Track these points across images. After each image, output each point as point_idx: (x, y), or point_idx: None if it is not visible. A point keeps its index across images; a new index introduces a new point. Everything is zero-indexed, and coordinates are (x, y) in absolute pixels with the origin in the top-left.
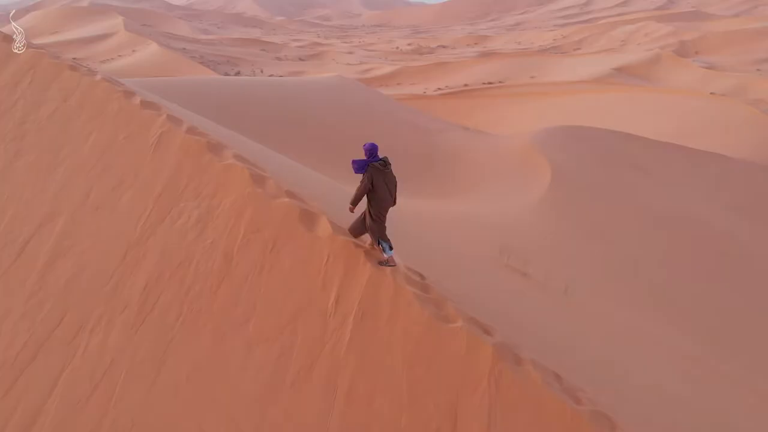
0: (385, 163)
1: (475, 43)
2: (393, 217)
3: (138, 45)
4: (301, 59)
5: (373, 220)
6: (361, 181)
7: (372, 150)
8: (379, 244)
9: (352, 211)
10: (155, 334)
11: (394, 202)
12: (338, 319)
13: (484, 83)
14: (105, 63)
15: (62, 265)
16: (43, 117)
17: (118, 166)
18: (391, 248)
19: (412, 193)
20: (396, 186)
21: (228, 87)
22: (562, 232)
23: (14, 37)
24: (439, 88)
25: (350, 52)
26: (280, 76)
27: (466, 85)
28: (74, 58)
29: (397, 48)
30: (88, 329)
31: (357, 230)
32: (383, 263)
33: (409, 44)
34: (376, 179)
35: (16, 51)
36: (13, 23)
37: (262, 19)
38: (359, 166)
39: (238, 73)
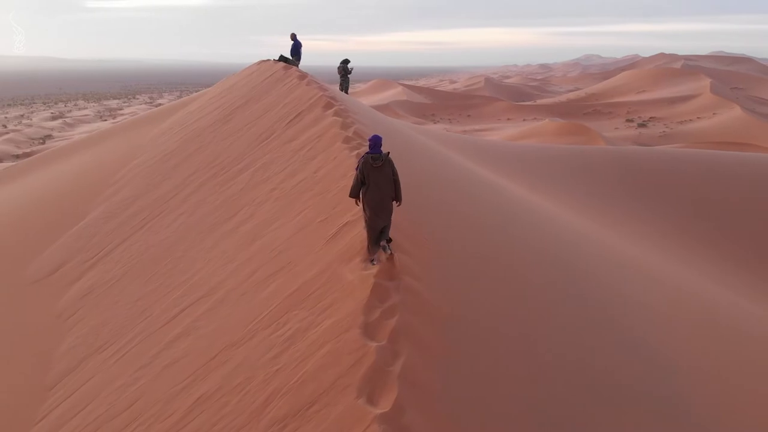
0: (377, 158)
1: None
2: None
3: (720, 108)
4: None
5: (365, 221)
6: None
7: (372, 142)
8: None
9: (356, 204)
10: None
11: (399, 202)
12: None
13: None
14: (682, 124)
15: (178, 345)
16: (289, 186)
17: (294, 252)
18: (373, 261)
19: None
20: (396, 184)
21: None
22: None
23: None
24: None
25: None
26: None
27: None
28: (651, 117)
29: None
30: (132, 428)
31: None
32: (372, 261)
33: None
34: (366, 174)
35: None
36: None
37: None
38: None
39: None
